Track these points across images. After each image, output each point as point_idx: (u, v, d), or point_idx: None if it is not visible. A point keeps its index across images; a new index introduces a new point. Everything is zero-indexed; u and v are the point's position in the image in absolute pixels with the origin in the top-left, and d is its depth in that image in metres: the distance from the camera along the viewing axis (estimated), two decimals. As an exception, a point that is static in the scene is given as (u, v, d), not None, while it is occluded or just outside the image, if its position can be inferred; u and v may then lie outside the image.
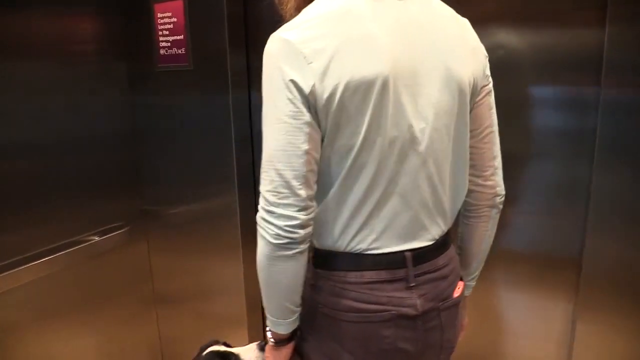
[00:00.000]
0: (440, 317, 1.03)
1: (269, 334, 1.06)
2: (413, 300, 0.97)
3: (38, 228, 1.73)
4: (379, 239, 0.97)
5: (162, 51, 1.88)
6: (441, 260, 1.04)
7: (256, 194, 1.89)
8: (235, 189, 1.81)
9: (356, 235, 0.96)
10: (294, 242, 0.90)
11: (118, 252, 2.04)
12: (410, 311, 0.97)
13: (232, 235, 1.87)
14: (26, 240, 1.70)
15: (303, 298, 1.01)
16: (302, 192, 0.89)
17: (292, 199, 0.89)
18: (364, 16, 0.90)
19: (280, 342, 1.06)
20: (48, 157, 1.74)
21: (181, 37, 1.82)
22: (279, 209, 0.89)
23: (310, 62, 0.86)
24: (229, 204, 1.83)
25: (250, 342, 1.98)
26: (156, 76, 1.90)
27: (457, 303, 1.08)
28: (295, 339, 1.07)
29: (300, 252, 0.92)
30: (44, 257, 1.73)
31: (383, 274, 0.97)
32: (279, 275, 0.94)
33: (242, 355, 1.34)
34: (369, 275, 0.97)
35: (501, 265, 1.58)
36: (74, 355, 1.91)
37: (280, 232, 0.89)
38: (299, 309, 1.01)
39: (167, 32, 1.85)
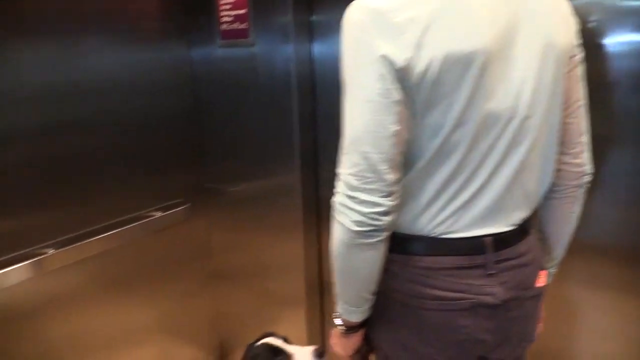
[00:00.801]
0: (522, 308, 0.97)
1: (337, 321, 1.02)
2: (493, 288, 0.91)
3: (103, 202, 1.76)
4: (458, 222, 0.91)
5: (223, 26, 1.85)
6: (522, 246, 0.97)
7: (318, 172, 1.89)
8: (297, 167, 1.77)
9: (435, 218, 0.91)
10: (377, 230, 0.85)
11: (179, 227, 2.06)
12: (490, 300, 0.91)
13: (293, 213, 1.84)
14: (91, 213, 1.73)
15: None
16: (389, 177, 0.83)
17: (378, 184, 0.82)
18: None
19: (350, 329, 1.02)
20: (113, 132, 1.75)
21: (243, 11, 1.78)
22: (362, 195, 0.83)
23: (403, 33, 0.78)
24: (291, 182, 1.80)
25: (307, 323, 2.00)
26: (218, 51, 1.88)
27: (540, 294, 1.01)
28: (365, 326, 1.03)
29: (382, 241, 0.87)
30: (108, 231, 1.76)
31: (461, 260, 0.91)
32: (357, 264, 0.89)
33: (295, 357, 1.32)
34: (447, 261, 0.91)
35: (579, 258, 1.47)
36: (133, 327, 1.96)
37: (363, 219, 0.83)
38: (373, 297, 0.97)
39: (229, 7, 1.81)
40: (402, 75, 0.80)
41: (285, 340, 1.38)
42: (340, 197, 0.86)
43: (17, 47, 1.46)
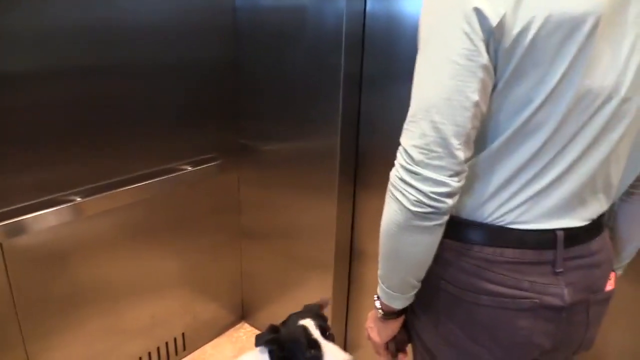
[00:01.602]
0: (588, 312, 0.87)
1: (377, 304, 0.96)
2: (559, 289, 0.81)
3: (135, 151, 1.73)
4: (530, 212, 0.80)
5: (270, -20, 1.76)
6: (595, 244, 0.86)
7: (359, 137, 1.82)
8: (338, 129, 1.69)
9: (504, 205, 0.80)
10: (437, 213, 0.75)
11: (209, 182, 2.03)
12: (555, 301, 0.81)
13: (329, 178, 1.78)
14: (123, 163, 1.71)
15: None
16: (460, 154, 0.72)
17: (446, 160, 0.72)
18: None
19: (390, 315, 0.95)
20: (150, 78, 1.70)
21: (295, -40, 1.68)
22: (426, 171, 0.73)
23: None
24: (330, 145, 1.74)
25: (334, 290, 1.96)
26: (265, 10, 1.79)
27: (608, 298, 0.91)
28: (406, 314, 0.97)
29: (441, 225, 0.78)
30: (139, 182, 1.74)
31: (528, 254, 0.81)
32: (410, 248, 0.81)
33: (326, 355, 1.26)
34: (511, 253, 0.81)
35: None
36: (157, 277, 1.96)
37: (424, 199, 0.74)
38: (419, 284, 0.88)
39: (279, -46, 1.72)
40: (494, 36, 0.68)
41: (323, 328, 1.31)
42: (399, 171, 0.76)
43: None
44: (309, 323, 1.31)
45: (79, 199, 1.58)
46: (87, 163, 1.60)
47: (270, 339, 1.26)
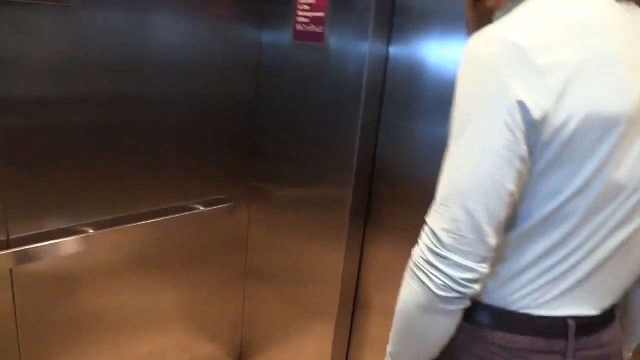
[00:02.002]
0: None
1: None
2: None
3: (149, 186, 1.76)
4: (544, 297, 0.80)
5: (298, 26, 1.83)
6: (606, 335, 0.85)
7: (372, 187, 1.84)
8: (351, 178, 1.72)
9: (521, 290, 0.80)
10: (462, 298, 0.75)
11: (219, 221, 2.04)
12: None
13: (339, 226, 1.79)
14: (135, 197, 1.73)
15: None
16: (492, 240, 0.72)
17: (476, 246, 0.72)
18: (611, 28, 0.71)
19: None
20: (169, 112, 1.73)
21: (322, 14, 1.76)
22: (455, 256, 0.72)
23: (545, 78, 0.68)
24: (342, 193, 1.76)
25: (335, 338, 1.94)
26: (288, 49, 1.85)
27: None
28: None
29: (464, 309, 0.77)
30: (150, 219, 1.75)
31: (539, 343, 0.80)
32: (428, 329, 0.80)
33: None
34: (522, 341, 0.80)
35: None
36: (160, 311, 1.95)
37: (452, 283, 0.73)
38: None
39: (307, 7, 1.80)
40: (534, 128, 0.69)
41: None
42: (425, 253, 0.75)
43: (84, 15, 1.44)
44: None
45: (91, 231, 1.59)
46: (101, 195, 1.63)
47: None
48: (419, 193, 1.66)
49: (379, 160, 1.77)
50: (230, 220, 2.09)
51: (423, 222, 0.79)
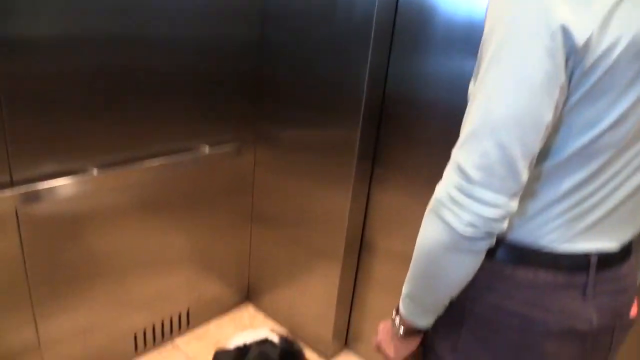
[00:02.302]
0: (612, 337, 0.84)
1: (396, 321, 0.91)
2: (588, 314, 0.78)
3: (155, 127, 1.73)
4: (568, 232, 0.76)
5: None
6: (625, 269, 0.83)
7: (380, 129, 1.80)
8: (359, 120, 1.67)
9: (545, 225, 0.77)
10: (489, 237, 0.70)
11: (224, 163, 2.02)
12: (583, 326, 0.79)
13: (346, 168, 1.77)
14: (141, 138, 1.71)
15: None
16: (524, 176, 0.68)
17: (509, 182, 0.67)
18: None
19: (412, 332, 0.91)
20: (175, 53, 1.69)
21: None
22: (485, 192, 0.67)
23: (591, 1, 0.62)
24: (349, 136, 1.72)
25: (340, 280, 1.95)
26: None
27: (630, 325, 0.89)
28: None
29: (488, 246, 0.73)
30: (156, 157, 1.75)
31: (560, 277, 0.77)
32: (451, 270, 0.76)
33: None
34: (544, 276, 0.77)
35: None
36: (167, 251, 1.98)
37: (479, 222, 0.68)
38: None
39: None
40: (575, 55, 0.64)
41: (287, 342, 1.23)
42: (451, 190, 0.69)
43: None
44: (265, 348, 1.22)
45: (95, 172, 1.58)
46: (106, 136, 1.61)
47: None
48: (429, 135, 1.61)
49: (387, 102, 1.71)
50: (237, 163, 2.07)
51: (432, 165, 0.75)
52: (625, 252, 0.83)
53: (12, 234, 1.48)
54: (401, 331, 0.91)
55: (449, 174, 0.71)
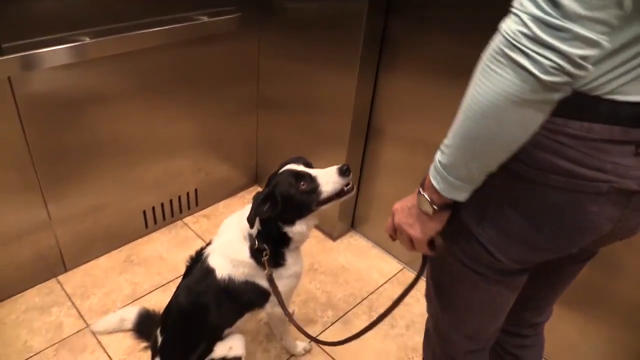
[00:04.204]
0: None
1: (426, 196, 0.78)
2: (639, 172, 0.70)
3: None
4: (631, 82, 0.65)
5: None
6: None
7: (388, 11, 1.62)
8: (367, -3, 1.52)
9: (613, 70, 0.65)
10: (570, 83, 0.58)
11: (227, 43, 1.91)
12: (632, 185, 0.71)
13: (353, 48, 1.64)
14: (135, 7, 1.61)
15: None
16: (628, 3, 0.54)
17: (610, 10, 0.54)
18: None
19: (444, 208, 0.79)
20: None
21: None
22: (580, 27, 0.54)
23: None
24: (357, 8, 1.57)
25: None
26: None
27: None
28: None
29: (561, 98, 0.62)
30: (151, 28, 1.64)
31: (616, 132, 0.67)
32: (511, 127, 0.64)
33: (319, 179, 1.23)
34: (599, 130, 0.67)
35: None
36: (173, 133, 1.96)
37: (567, 64, 0.55)
38: None
39: None
40: None
41: (308, 163, 1.29)
42: (531, 26, 0.55)
43: None
44: (290, 166, 1.27)
45: (87, 40, 1.50)
46: (99, 3, 1.52)
47: (265, 195, 1.21)
48: (443, 12, 1.46)
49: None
50: (240, 42, 1.95)
51: (446, 47, 0.60)
52: None
53: (8, 106, 1.45)
54: (432, 207, 0.79)
55: (523, 4, 0.56)
